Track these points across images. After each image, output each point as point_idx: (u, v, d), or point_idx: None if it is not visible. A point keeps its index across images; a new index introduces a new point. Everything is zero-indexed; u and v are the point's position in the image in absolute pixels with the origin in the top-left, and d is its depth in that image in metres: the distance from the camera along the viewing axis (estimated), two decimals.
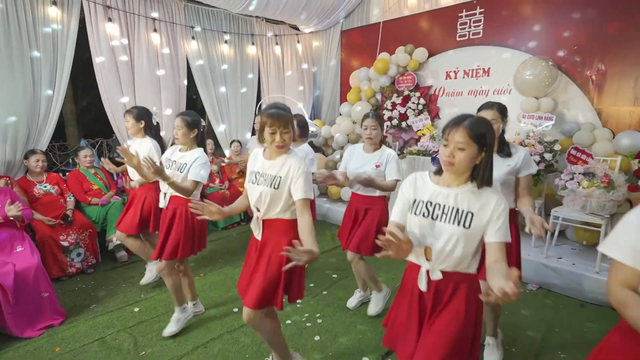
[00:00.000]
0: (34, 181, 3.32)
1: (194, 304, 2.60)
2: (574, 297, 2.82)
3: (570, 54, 3.69)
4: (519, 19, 4.00)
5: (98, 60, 3.84)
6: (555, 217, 3.11)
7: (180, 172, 2.28)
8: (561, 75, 3.71)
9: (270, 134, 1.62)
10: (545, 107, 3.64)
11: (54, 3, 3.44)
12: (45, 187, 3.35)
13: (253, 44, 5.32)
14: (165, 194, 2.39)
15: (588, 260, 2.99)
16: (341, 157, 5.05)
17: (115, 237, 3.49)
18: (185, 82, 4.66)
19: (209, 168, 2.37)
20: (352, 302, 2.74)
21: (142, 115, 2.87)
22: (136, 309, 2.72)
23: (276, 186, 1.64)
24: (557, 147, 3.31)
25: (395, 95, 4.92)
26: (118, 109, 4.03)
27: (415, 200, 1.34)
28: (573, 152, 3.28)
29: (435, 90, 4.78)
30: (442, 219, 1.27)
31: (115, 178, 4.00)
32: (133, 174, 2.92)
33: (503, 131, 1.93)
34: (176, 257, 2.30)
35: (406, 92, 4.81)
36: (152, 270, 3.08)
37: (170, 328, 2.36)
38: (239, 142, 4.96)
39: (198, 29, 4.66)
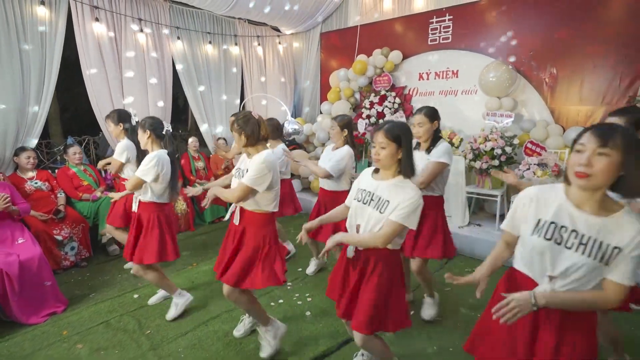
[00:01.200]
0: (25, 178, 3.39)
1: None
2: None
3: (527, 58, 4.13)
4: (483, 26, 4.41)
5: (85, 59, 3.92)
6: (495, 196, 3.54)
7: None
8: (520, 78, 4.15)
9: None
10: (506, 106, 4.06)
11: (42, 2, 3.51)
12: (36, 183, 3.42)
13: (236, 44, 5.49)
14: (135, 197, 2.49)
15: None
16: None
17: (106, 231, 3.60)
18: (171, 81, 4.78)
19: (156, 168, 2.32)
20: None
21: (121, 118, 2.94)
22: (135, 296, 2.88)
23: (243, 176, 1.95)
24: (515, 141, 3.73)
25: (372, 94, 5.24)
26: (106, 107, 4.11)
27: (358, 189, 1.67)
28: (529, 145, 3.71)
29: (409, 90, 5.14)
30: (370, 204, 1.58)
31: (104, 175, 4.09)
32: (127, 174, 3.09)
33: (437, 130, 2.20)
34: (146, 263, 2.40)
35: (383, 92, 5.14)
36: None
37: (171, 312, 2.56)
38: (224, 139, 5.13)
39: (183, 29, 4.79)
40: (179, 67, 4.83)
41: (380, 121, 5.12)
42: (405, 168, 1.56)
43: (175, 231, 2.61)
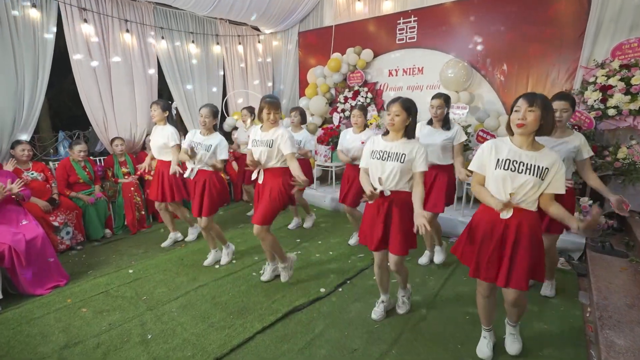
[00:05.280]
0: (22, 169, 3.64)
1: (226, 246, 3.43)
2: None
3: (482, 56, 4.61)
4: (444, 27, 4.86)
5: (75, 58, 4.17)
6: (469, 184, 3.99)
7: (207, 151, 3.03)
8: (475, 74, 4.62)
9: (267, 114, 2.58)
10: (463, 99, 4.53)
11: (34, 5, 3.75)
12: (32, 174, 3.67)
13: (218, 43, 5.80)
14: (192, 169, 3.08)
15: None
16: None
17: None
18: (156, 79, 5.06)
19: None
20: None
21: (167, 106, 3.54)
22: (130, 271, 3.21)
23: (270, 146, 2.59)
24: (470, 129, 4.20)
25: (347, 90, 5.65)
26: (95, 103, 4.38)
27: (372, 151, 2.20)
28: (481, 133, 4.19)
29: (380, 86, 5.57)
30: (387, 159, 2.13)
31: (96, 168, 4.35)
32: (158, 154, 3.62)
33: (447, 113, 2.92)
34: (215, 213, 3.14)
35: (356, 88, 5.56)
36: (171, 238, 3.88)
37: (224, 259, 3.35)
38: None
39: (167, 29, 5.08)
40: (164, 65, 5.12)
41: None
42: (410, 132, 2.14)
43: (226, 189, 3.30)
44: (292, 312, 2.55)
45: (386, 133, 2.23)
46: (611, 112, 3.57)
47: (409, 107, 2.10)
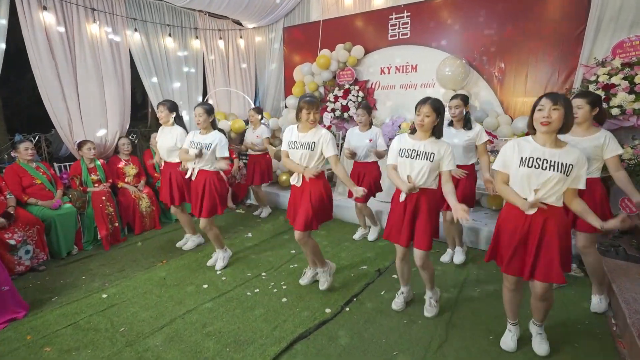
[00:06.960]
0: None
1: (224, 249, 3.33)
2: (484, 248, 3.52)
3: (478, 54, 4.44)
4: (439, 23, 4.67)
5: (34, 51, 3.65)
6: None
7: (207, 150, 2.97)
8: (472, 72, 4.45)
9: (306, 114, 2.42)
10: None
11: None
12: None
13: (197, 37, 5.36)
14: (193, 169, 3.06)
15: (495, 221, 3.72)
16: None
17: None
18: (129, 75, 4.58)
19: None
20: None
21: (174, 107, 3.40)
22: (104, 295, 2.78)
23: (312, 148, 2.47)
24: None
25: (336, 88, 5.36)
26: (58, 103, 3.87)
27: (400, 149, 2.23)
28: None
29: (372, 84, 5.32)
30: (416, 158, 2.17)
31: (60, 173, 3.86)
32: (167, 156, 3.50)
33: (467, 113, 2.94)
34: (215, 214, 3.08)
35: (346, 86, 5.28)
36: (194, 240, 3.72)
37: (219, 264, 3.20)
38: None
39: (140, 20, 4.61)
40: (137, 60, 4.65)
41: (345, 114, 5.28)
42: (438, 131, 2.17)
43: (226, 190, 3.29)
44: (298, 339, 2.24)
45: (413, 131, 2.25)
46: (615, 111, 3.46)
47: (438, 108, 2.13)
